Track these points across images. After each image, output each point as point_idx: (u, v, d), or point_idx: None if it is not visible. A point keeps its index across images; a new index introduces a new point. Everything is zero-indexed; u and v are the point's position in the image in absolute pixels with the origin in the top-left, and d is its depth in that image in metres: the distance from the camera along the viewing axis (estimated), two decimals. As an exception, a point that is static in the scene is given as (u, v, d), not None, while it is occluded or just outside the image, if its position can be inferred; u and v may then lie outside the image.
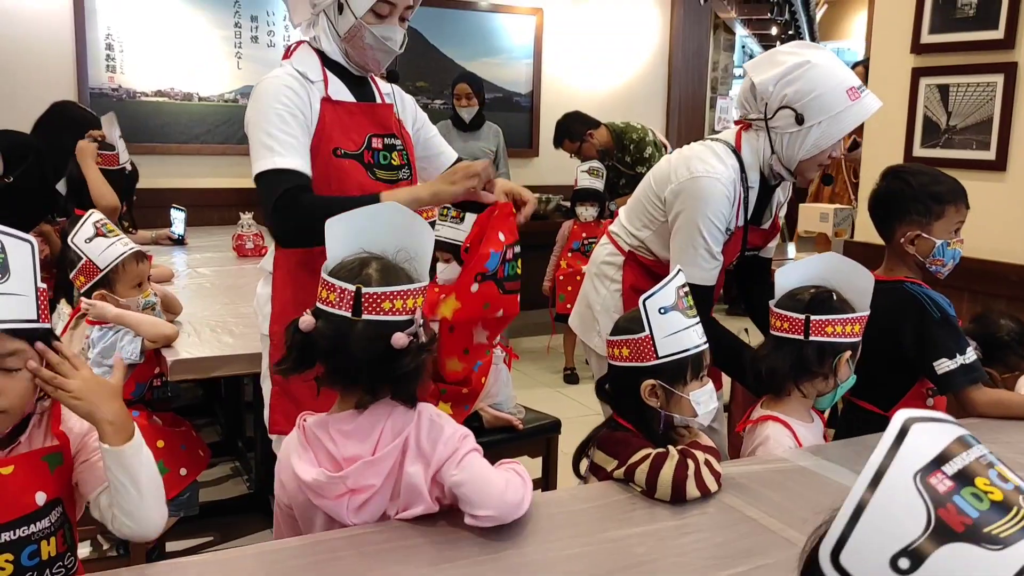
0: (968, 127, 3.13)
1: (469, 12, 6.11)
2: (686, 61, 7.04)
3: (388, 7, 1.85)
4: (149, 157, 5.08)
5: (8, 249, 1.17)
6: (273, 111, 1.79)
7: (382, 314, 1.36)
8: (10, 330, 1.17)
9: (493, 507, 1.38)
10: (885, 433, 0.63)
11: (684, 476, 1.54)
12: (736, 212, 2.15)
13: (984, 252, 2.98)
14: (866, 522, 0.61)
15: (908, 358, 2.09)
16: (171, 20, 5.24)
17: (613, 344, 1.73)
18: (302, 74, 1.86)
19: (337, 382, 1.42)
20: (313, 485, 1.38)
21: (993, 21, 3.03)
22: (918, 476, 0.61)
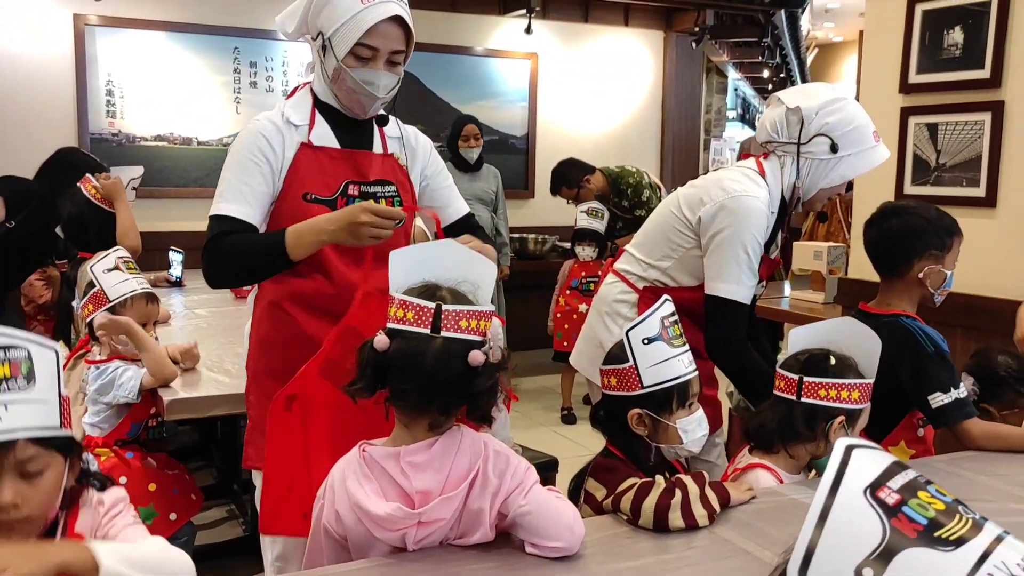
0: (957, 164, 3.17)
1: (465, 57, 6.20)
2: (679, 104, 7.13)
3: (369, 51, 1.80)
4: (148, 201, 5.11)
5: (35, 356, 1.17)
6: (236, 157, 1.83)
7: (460, 332, 1.38)
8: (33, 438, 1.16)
9: (564, 539, 1.41)
10: (831, 457, 0.68)
11: (667, 504, 1.53)
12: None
13: (976, 288, 3.00)
14: (827, 538, 0.65)
15: (902, 391, 2.09)
16: (171, 66, 5.32)
17: (604, 373, 1.75)
18: (286, 118, 1.86)
19: (411, 404, 1.39)
20: (385, 519, 1.36)
21: (979, 61, 3.08)
22: (867, 491, 0.66)
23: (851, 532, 0.65)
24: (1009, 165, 3.03)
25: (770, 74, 10.46)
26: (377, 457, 1.40)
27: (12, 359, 1.14)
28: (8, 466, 1.14)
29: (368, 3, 1.78)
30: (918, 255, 2.14)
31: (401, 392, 1.38)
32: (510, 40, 6.33)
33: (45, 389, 1.18)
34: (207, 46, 5.42)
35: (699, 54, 7.22)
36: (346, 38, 1.78)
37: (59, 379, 1.21)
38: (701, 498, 1.58)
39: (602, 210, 5.10)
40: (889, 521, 0.65)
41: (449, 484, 1.38)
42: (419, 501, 1.37)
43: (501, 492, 1.40)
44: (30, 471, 1.17)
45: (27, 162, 4.03)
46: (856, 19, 11.82)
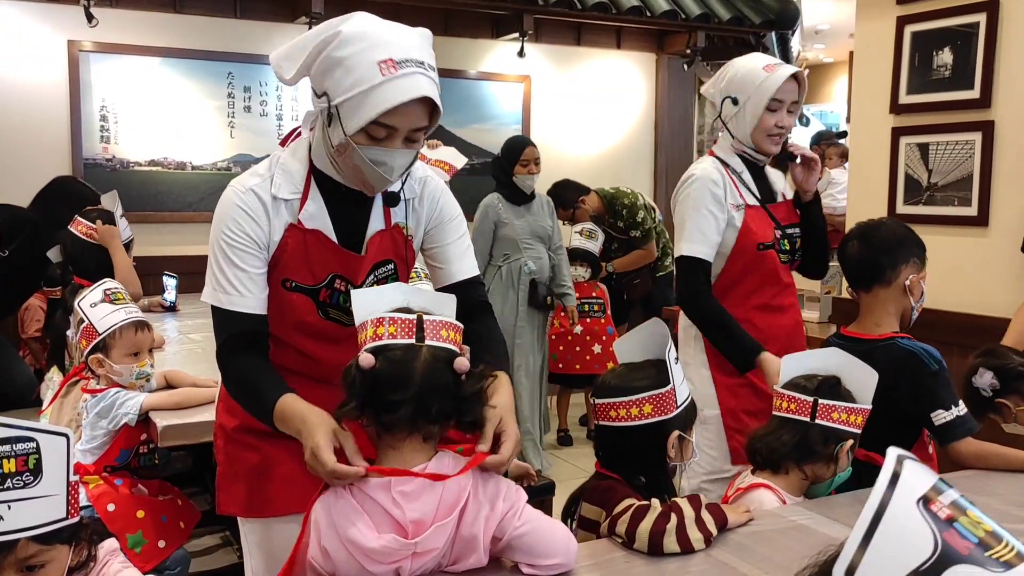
0: (949, 184, 3.19)
1: (459, 80, 6.23)
2: (672, 125, 7.17)
3: (385, 130, 1.52)
4: (143, 226, 5.10)
5: (43, 447, 1.14)
6: (224, 237, 1.60)
7: (442, 341, 1.39)
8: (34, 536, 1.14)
9: (560, 555, 1.41)
10: (883, 467, 0.66)
11: (662, 530, 1.52)
12: (738, 192, 2.45)
13: (968, 306, 3.01)
14: (876, 547, 0.63)
15: (903, 413, 2.10)
16: (165, 91, 5.33)
17: (629, 404, 1.71)
18: (275, 193, 1.61)
19: (403, 418, 1.36)
20: (380, 552, 1.32)
21: (968, 81, 3.11)
22: (920, 503, 0.65)
23: (902, 541, 0.64)
24: (1000, 184, 3.05)
25: (761, 95, 10.52)
26: (366, 489, 1.36)
27: (19, 453, 1.11)
28: (9, 564, 1.12)
29: (389, 75, 1.46)
30: (904, 261, 2.19)
31: (394, 405, 1.35)
32: (503, 63, 6.37)
33: (53, 481, 1.15)
34: (201, 71, 5.43)
35: (691, 76, 7.26)
36: (358, 113, 1.48)
37: (68, 465, 1.18)
38: (697, 521, 1.56)
39: (596, 231, 5.11)
40: (941, 535, 0.63)
41: (441, 511, 1.36)
42: (413, 531, 1.35)
43: (495, 516, 1.39)
44: (32, 567, 1.15)
45: (21, 187, 4.03)
46: (846, 40, 11.91)
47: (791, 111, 2.43)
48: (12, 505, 1.09)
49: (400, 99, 1.46)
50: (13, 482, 1.10)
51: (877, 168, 3.40)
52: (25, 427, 1.13)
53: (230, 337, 1.63)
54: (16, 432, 1.11)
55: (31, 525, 1.12)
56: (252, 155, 5.60)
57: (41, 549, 1.15)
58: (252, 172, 1.66)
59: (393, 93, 1.46)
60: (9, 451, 1.10)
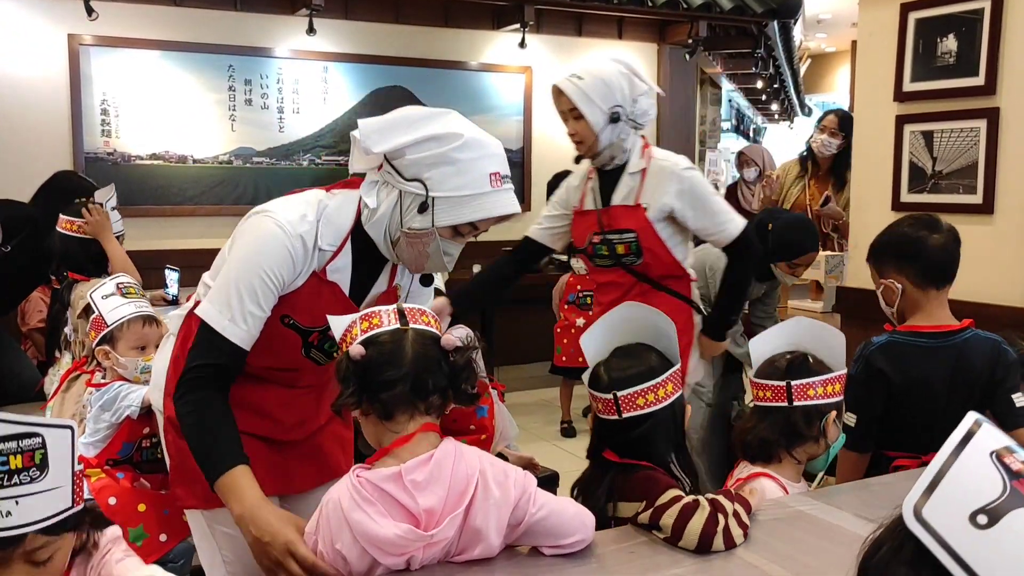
0: (954, 172, 3.17)
1: (460, 71, 6.21)
2: (674, 115, 7.15)
3: (472, 230, 1.67)
4: (144, 219, 5.10)
5: (48, 441, 1.15)
6: (259, 273, 1.61)
7: (423, 325, 1.46)
8: (42, 529, 1.15)
9: (580, 532, 1.46)
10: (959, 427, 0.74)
11: (713, 531, 1.50)
12: (581, 197, 2.67)
13: (974, 295, 2.99)
14: (947, 484, 0.70)
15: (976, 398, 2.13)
16: (165, 84, 5.32)
17: (656, 387, 1.70)
18: (317, 242, 1.65)
19: (399, 395, 1.40)
20: (395, 542, 1.33)
21: (973, 68, 3.09)
22: (993, 454, 0.71)
23: (972, 482, 0.69)
24: (1005, 171, 3.03)
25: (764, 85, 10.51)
26: (376, 480, 1.37)
27: (25, 449, 1.12)
28: (17, 556, 1.14)
29: (496, 187, 1.62)
30: None
31: (391, 383, 1.39)
32: (504, 54, 6.34)
33: (59, 474, 1.16)
34: (202, 65, 5.42)
35: (693, 66, 7.24)
36: (458, 212, 1.60)
37: (73, 456, 1.19)
38: (735, 514, 1.56)
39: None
40: (1011, 482, 0.69)
41: (451, 499, 1.37)
42: (426, 520, 1.35)
43: (507, 504, 1.40)
44: (39, 559, 1.17)
45: (22, 182, 4.02)
46: (848, 29, 11.88)
47: (575, 117, 2.54)
48: (20, 500, 1.10)
49: (501, 212, 1.64)
50: (20, 478, 1.11)
51: (881, 157, 3.38)
52: (30, 423, 1.14)
53: (208, 365, 1.61)
54: (22, 428, 1.12)
55: (39, 519, 1.13)
56: (253, 148, 5.59)
57: (48, 540, 1.16)
58: (300, 215, 1.65)
59: (497, 205, 1.63)
60: (15, 447, 1.11)
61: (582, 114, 2.47)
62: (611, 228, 2.58)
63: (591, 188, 2.66)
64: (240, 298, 1.60)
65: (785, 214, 3.62)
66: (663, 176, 2.56)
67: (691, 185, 2.56)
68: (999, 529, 0.66)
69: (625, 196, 2.58)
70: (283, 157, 5.71)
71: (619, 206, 2.58)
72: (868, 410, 2.16)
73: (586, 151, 2.56)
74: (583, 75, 2.47)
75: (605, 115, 2.47)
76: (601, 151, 2.55)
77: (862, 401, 2.15)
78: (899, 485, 1.89)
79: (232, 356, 1.62)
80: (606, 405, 1.70)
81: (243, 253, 1.63)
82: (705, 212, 2.58)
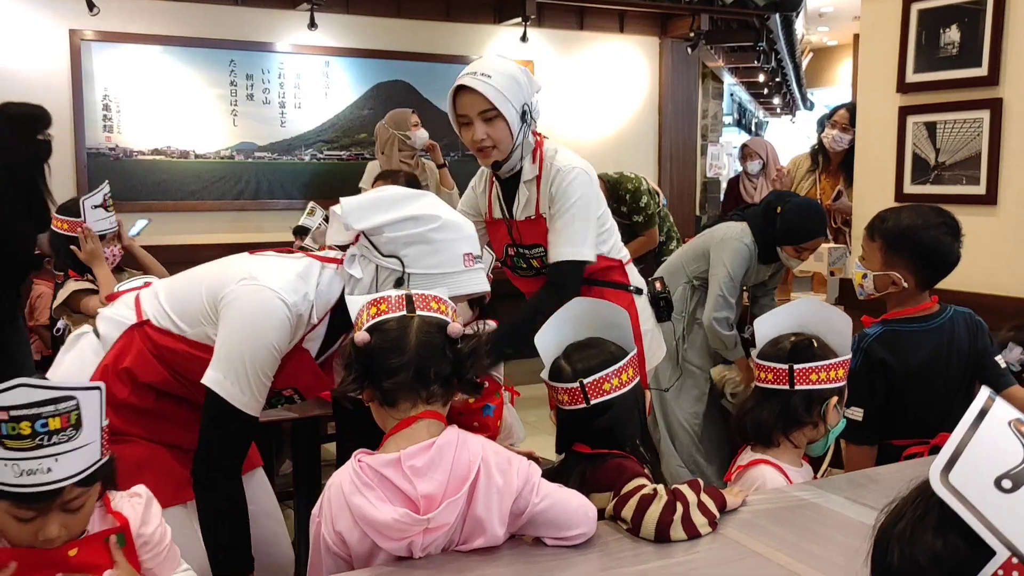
0: (957, 163, 3.16)
1: (461, 66, 6.14)
2: (676, 109, 7.14)
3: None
4: (146, 215, 5.10)
5: (81, 403, 1.25)
6: (269, 352, 1.64)
7: (432, 311, 1.48)
8: (78, 481, 1.25)
9: (583, 525, 1.47)
10: (975, 400, 0.76)
11: (669, 520, 1.51)
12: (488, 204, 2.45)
13: (977, 286, 2.99)
14: (971, 452, 0.73)
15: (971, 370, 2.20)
16: (167, 80, 5.32)
17: (620, 371, 1.70)
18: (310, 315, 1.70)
19: (402, 383, 1.42)
20: (392, 526, 1.36)
21: (976, 59, 3.08)
22: (1011, 424, 0.74)
23: (994, 450, 0.72)
24: (1009, 162, 3.03)
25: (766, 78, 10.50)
26: (376, 465, 1.39)
27: (63, 411, 1.23)
28: (56, 507, 1.25)
29: (469, 267, 1.72)
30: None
31: (394, 371, 1.42)
32: (506, 48, 6.34)
33: (90, 431, 1.26)
34: (203, 59, 5.42)
35: (695, 59, 7.23)
36: (432, 289, 1.61)
37: (102, 413, 1.30)
38: (699, 506, 1.55)
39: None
40: None
41: (452, 485, 1.38)
42: (424, 505, 1.37)
43: (509, 492, 1.40)
44: (74, 507, 1.28)
45: (24, 177, 4.01)
46: (850, 23, 11.86)
47: (488, 119, 2.20)
48: (59, 458, 1.22)
49: (472, 290, 1.73)
50: (58, 437, 1.22)
51: (884, 148, 3.38)
52: (66, 387, 1.25)
53: (243, 449, 1.70)
54: (58, 393, 1.23)
55: (75, 472, 1.24)
56: (255, 143, 5.59)
57: (83, 491, 1.27)
58: (302, 293, 1.68)
59: (469, 284, 1.72)
60: (53, 411, 1.21)
61: (500, 114, 2.19)
62: (522, 243, 2.40)
63: (495, 196, 2.42)
64: (257, 375, 1.63)
65: (795, 198, 3.60)
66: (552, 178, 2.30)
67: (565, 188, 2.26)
68: (1023, 493, 0.70)
69: (524, 207, 2.35)
70: (285, 152, 5.71)
71: (523, 221, 2.37)
72: (872, 402, 2.16)
73: (500, 156, 2.26)
74: (490, 72, 2.20)
75: (518, 114, 2.23)
76: (512, 155, 2.28)
77: (866, 394, 2.15)
78: (904, 473, 1.89)
79: (252, 430, 1.69)
80: (572, 395, 1.70)
81: (251, 327, 1.63)
82: (560, 221, 2.27)
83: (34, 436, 1.19)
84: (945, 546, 0.71)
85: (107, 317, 1.80)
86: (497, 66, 2.24)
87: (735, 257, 3.35)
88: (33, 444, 1.19)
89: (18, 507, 1.22)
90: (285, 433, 3.31)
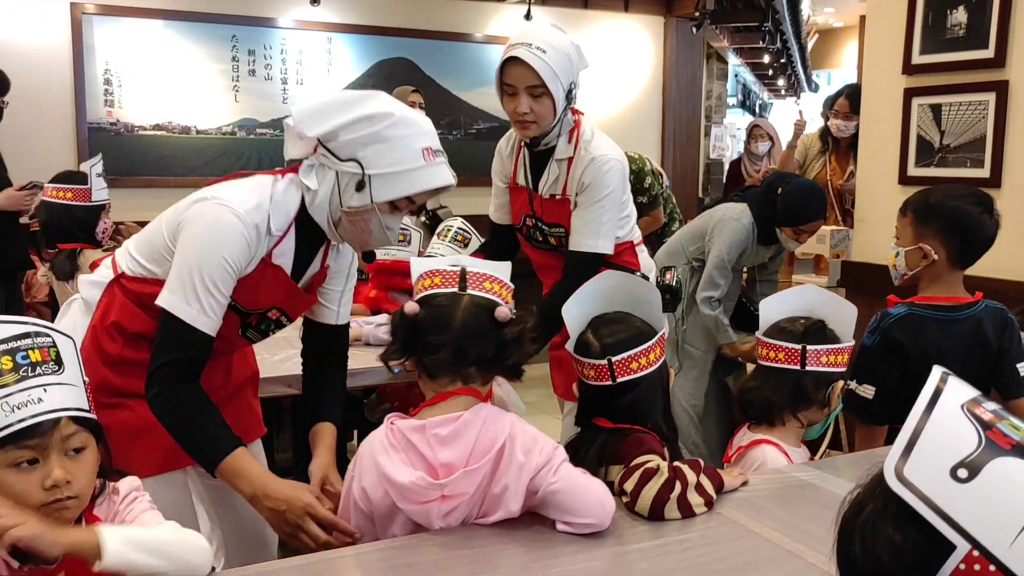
0: (962, 145, 3.15)
1: (464, 43, 6.17)
2: (680, 90, 7.10)
3: (410, 204, 1.71)
4: (147, 191, 5.10)
5: (59, 343, 1.23)
6: (220, 262, 1.60)
7: (484, 292, 1.50)
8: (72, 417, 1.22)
9: (594, 515, 1.45)
10: (928, 381, 0.74)
11: (666, 498, 1.52)
12: (513, 169, 2.44)
13: (982, 269, 2.97)
14: (924, 441, 0.70)
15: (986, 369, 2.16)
16: (169, 54, 5.29)
17: (648, 351, 1.71)
18: (270, 226, 1.66)
19: (443, 361, 1.46)
20: (409, 488, 1.41)
21: (983, 40, 3.06)
22: (964, 406, 0.71)
23: (948, 437, 0.70)
24: (1014, 145, 3.01)
25: (771, 59, 10.43)
26: (404, 430, 1.45)
27: (40, 345, 1.21)
28: (55, 444, 1.19)
29: (430, 161, 1.66)
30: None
31: (434, 348, 1.46)
32: (510, 26, 6.29)
33: (72, 374, 1.24)
34: (205, 34, 5.38)
35: (700, 40, 7.18)
36: (395, 188, 1.64)
37: (80, 366, 1.27)
38: (697, 486, 1.56)
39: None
40: (985, 433, 0.69)
41: (473, 458, 1.42)
42: (443, 474, 1.41)
43: (528, 469, 1.42)
44: (74, 447, 1.22)
45: (25, 154, 4.01)
46: (856, 4, 11.77)
47: (535, 95, 2.18)
48: (47, 388, 1.19)
49: (436, 184, 1.66)
50: (42, 369, 1.19)
51: (889, 130, 3.36)
52: (38, 323, 1.23)
53: (180, 359, 1.60)
54: (31, 328, 1.21)
55: (67, 406, 1.21)
56: (256, 119, 5.56)
57: (79, 430, 1.22)
58: (254, 203, 1.64)
59: (432, 178, 1.66)
60: (31, 343, 1.20)
61: (548, 91, 2.17)
62: (542, 218, 2.41)
63: (522, 163, 2.42)
64: (205, 287, 1.59)
65: (796, 179, 3.59)
66: (587, 166, 2.29)
67: (600, 180, 2.27)
68: (980, 481, 0.67)
69: (551, 185, 2.34)
70: (287, 129, 5.67)
71: (548, 198, 2.36)
72: (886, 382, 2.14)
73: (539, 132, 2.24)
74: (546, 47, 2.17)
75: (564, 92, 2.22)
76: (551, 132, 2.27)
77: (880, 373, 2.15)
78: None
79: (202, 346, 1.62)
80: (599, 371, 1.70)
81: (201, 242, 1.61)
82: (589, 210, 2.28)
83: (17, 368, 1.17)
84: (905, 540, 0.69)
85: (88, 281, 1.81)
86: (551, 40, 2.21)
87: (731, 237, 3.34)
88: (17, 376, 1.17)
89: (17, 449, 1.16)
90: (285, 409, 3.33)
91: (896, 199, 3.37)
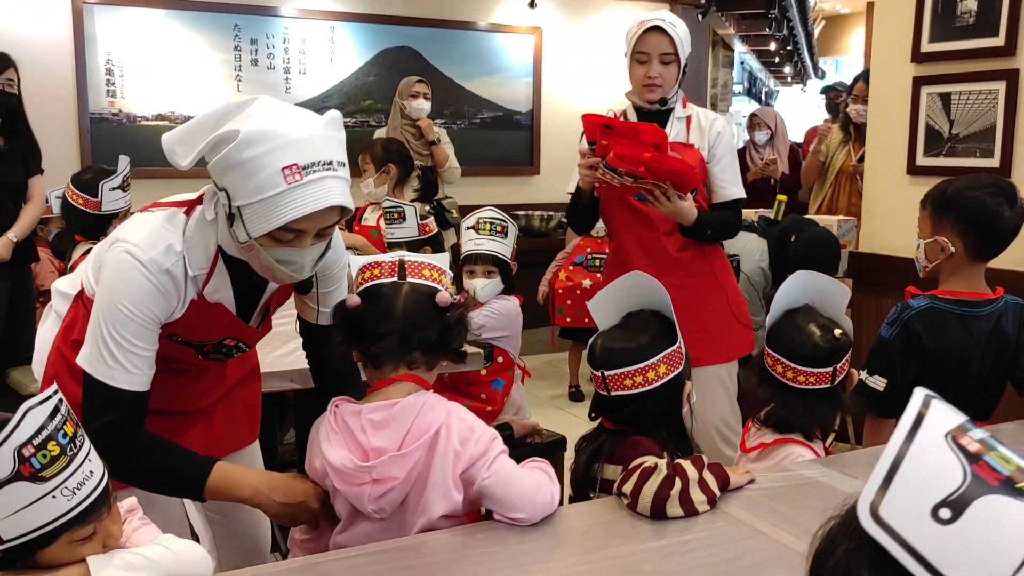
0: (971, 135, 3.11)
1: (469, 32, 6.12)
2: (685, 78, 7.04)
3: (292, 234, 1.42)
4: (150, 181, 5.06)
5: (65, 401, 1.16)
6: (130, 318, 1.44)
7: (424, 279, 1.52)
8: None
9: (525, 510, 1.47)
10: (910, 404, 0.65)
11: (666, 496, 1.49)
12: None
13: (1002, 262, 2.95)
14: (903, 477, 0.63)
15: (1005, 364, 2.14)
16: (171, 44, 5.26)
17: (645, 370, 1.65)
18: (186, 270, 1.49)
19: (389, 348, 1.48)
20: (341, 470, 1.45)
21: (993, 28, 3.02)
22: (949, 436, 0.64)
23: (930, 473, 0.62)
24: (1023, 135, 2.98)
25: (777, 47, 10.37)
26: (344, 414, 1.49)
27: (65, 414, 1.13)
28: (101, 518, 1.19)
29: (295, 182, 1.35)
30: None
31: (380, 336, 1.47)
32: (514, 15, 6.25)
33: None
34: (207, 24, 5.35)
35: (705, 27, 7.13)
36: (262, 220, 1.38)
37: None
38: (700, 483, 1.53)
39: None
40: (971, 467, 0.62)
41: (405, 443, 1.44)
42: (373, 457, 1.44)
43: (463, 460, 1.45)
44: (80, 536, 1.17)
45: (26, 143, 3.98)
46: (864, -10, 11.67)
47: (665, 62, 2.60)
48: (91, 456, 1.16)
49: (306, 210, 1.37)
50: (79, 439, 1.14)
51: (897, 119, 3.32)
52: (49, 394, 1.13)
53: (113, 421, 1.46)
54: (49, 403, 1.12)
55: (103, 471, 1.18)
56: (260, 109, 5.53)
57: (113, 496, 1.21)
58: (164, 246, 1.48)
59: (300, 203, 1.36)
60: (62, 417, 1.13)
61: (677, 59, 2.60)
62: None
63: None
64: (119, 345, 1.44)
65: (809, 227, 3.68)
66: (707, 123, 2.70)
67: (729, 135, 2.73)
68: (964, 522, 0.60)
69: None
70: (290, 118, 5.64)
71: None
72: (903, 375, 2.11)
73: (663, 95, 2.65)
74: (675, 24, 2.61)
75: (683, 65, 2.65)
76: (671, 97, 2.68)
77: (897, 366, 2.11)
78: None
79: (135, 402, 1.48)
80: (596, 380, 1.70)
81: (107, 296, 1.46)
82: (731, 163, 2.70)
83: (64, 450, 1.10)
84: None
85: (58, 291, 1.73)
86: (676, 20, 2.65)
87: (751, 275, 3.67)
88: (68, 459, 1.10)
89: (82, 526, 1.13)
90: (288, 403, 3.31)
91: (904, 189, 3.35)
